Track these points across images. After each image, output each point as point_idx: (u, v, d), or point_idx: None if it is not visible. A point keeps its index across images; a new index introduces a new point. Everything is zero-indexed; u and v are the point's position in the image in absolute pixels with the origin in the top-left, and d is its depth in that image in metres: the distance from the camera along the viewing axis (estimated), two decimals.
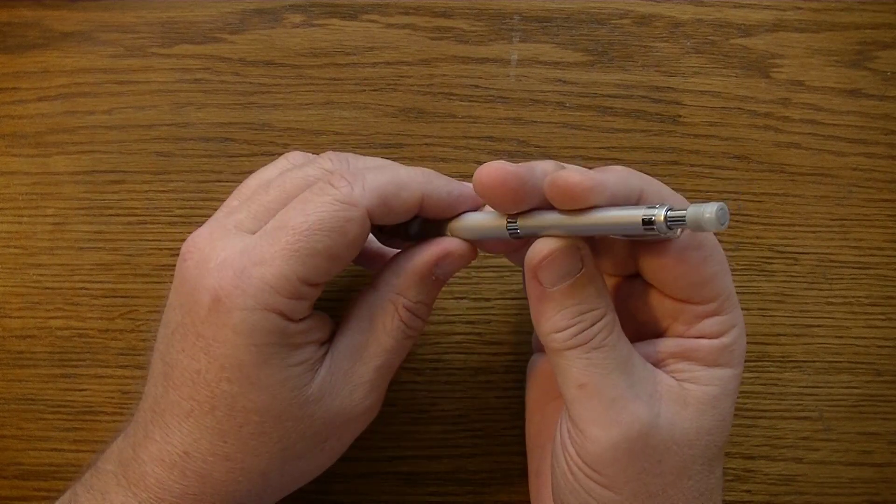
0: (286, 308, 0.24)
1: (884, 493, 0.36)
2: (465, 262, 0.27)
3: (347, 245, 0.25)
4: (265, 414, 0.25)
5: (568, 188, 0.22)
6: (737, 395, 0.26)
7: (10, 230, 0.36)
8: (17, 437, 0.35)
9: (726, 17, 0.39)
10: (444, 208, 0.27)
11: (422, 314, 0.28)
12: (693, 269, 0.24)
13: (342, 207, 0.25)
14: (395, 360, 0.28)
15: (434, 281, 0.27)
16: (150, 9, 0.38)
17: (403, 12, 0.38)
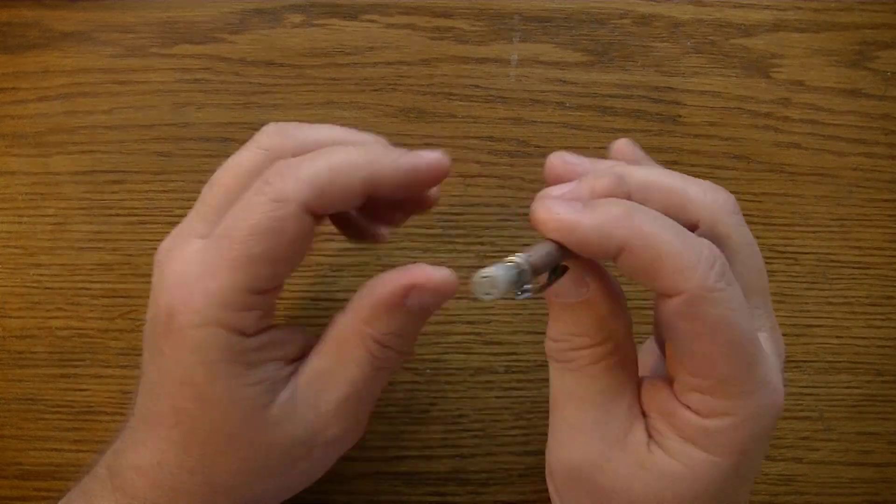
0: (236, 322, 0.23)
1: (884, 493, 0.36)
2: (442, 296, 0.24)
3: (288, 245, 0.23)
4: (222, 433, 0.24)
5: (536, 219, 0.23)
6: (720, 484, 0.23)
7: (10, 230, 0.36)
8: (17, 437, 0.35)
9: (726, 17, 0.39)
10: (396, 187, 0.24)
11: (395, 345, 0.25)
12: (683, 339, 0.22)
13: (275, 206, 0.22)
14: (365, 391, 0.25)
15: (409, 313, 0.24)
16: (150, 9, 0.38)
17: (403, 12, 0.38)
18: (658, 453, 0.23)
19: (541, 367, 0.36)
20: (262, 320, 0.24)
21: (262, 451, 0.24)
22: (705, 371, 0.22)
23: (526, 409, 0.36)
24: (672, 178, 0.25)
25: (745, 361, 0.22)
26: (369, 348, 0.25)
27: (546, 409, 0.35)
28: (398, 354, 0.26)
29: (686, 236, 0.22)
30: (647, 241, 0.21)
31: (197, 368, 0.23)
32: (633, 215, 0.22)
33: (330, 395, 0.25)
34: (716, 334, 0.22)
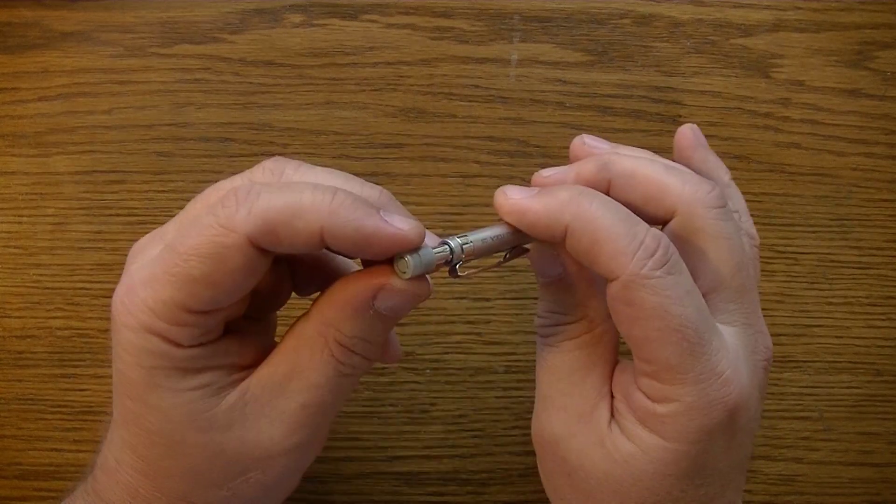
0: (169, 333, 0.22)
1: (884, 493, 0.36)
2: (412, 300, 0.23)
3: (228, 273, 0.21)
4: (165, 436, 0.23)
5: (496, 204, 0.25)
6: (671, 469, 0.23)
7: (10, 230, 0.36)
8: (17, 437, 0.35)
9: (726, 17, 0.39)
10: (350, 248, 0.22)
11: (361, 350, 0.24)
12: (621, 322, 0.23)
13: (220, 233, 0.21)
14: (327, 399, 0.24)
15: (376, 316, 0.23)
16: (150, 9, 0.38)
17: (403, 12, 0.38)
18: (616, 433, 0.24)
19: None
20: (202, 336, 0.23)
21: (208, 456, 0.23)
22: (646, 355, 0.23)
23: (526, 409, 0.36)
24: (654, 167, 0.25)
25: (684, 349, 0.23)
26: (333, 352, 0.23)
27: None
28: (365, 361, 0.24)
29: (629, 222, 0.23)
30: (588, 225, 0.23)
31: (135, 371, 0.23)
32: (578, 199, 0.23)
33: (287, 401, 0.24)
34: (651, 320, 0.22)
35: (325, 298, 0.24)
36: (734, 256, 0.25)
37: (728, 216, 0.25)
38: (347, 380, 0.24)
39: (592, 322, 0.25)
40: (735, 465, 0.25)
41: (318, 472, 0.35)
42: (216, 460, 0.23)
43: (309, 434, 0.24)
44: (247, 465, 0.24)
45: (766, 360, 0.26)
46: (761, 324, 0.26)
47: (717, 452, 0.24)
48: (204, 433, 0.23)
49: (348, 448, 0.35)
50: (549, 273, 0.26)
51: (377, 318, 0.23)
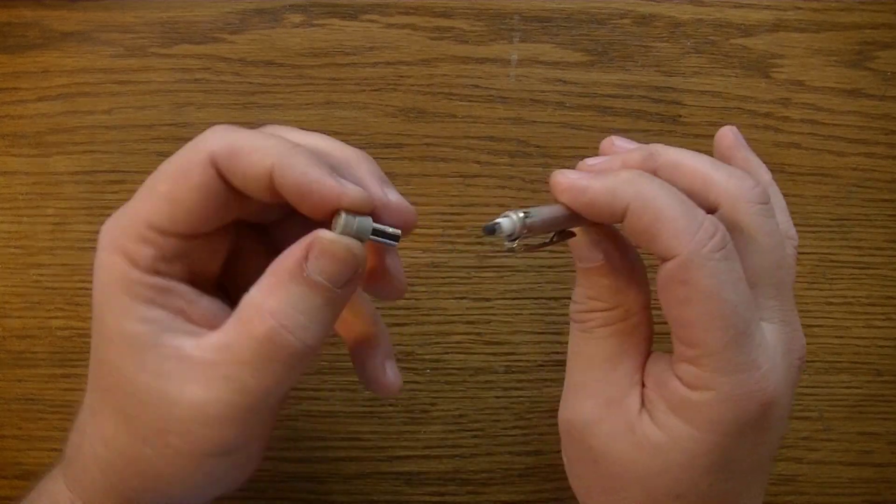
0: (130, 250, 0.23)
1: (884, 493, 0.36)
2: (344, 264, 0.22)
3: (188, 189, 0.22)
4: (106, 365, 0.23)
5: (552, 184, 0.24)
6: (699, 461, 0.23)
7: (10, 230, 0.36)
8: (17, 437, 0.35)
9: (726, 17, 0.39)
10: (294, 191, 0.22)
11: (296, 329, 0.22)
12: (672, 303, 0.23)
13: (189, 152, 0.23)
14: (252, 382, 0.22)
15: (309, 282, 0.22)
16: (150, 9, 0.38)
17: (403, 12, 0.38)
18: (646, 420, 0.24)
19: (541, 367, 0.36)
20: (161, 263, 0.23)
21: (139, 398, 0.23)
22: (692, 338, 0.23)
23: (526, 409, 0.36)
24: (701, 160, 0.26)
25: (730, 336, 0.23)
26: (265, 326, 0.22)
27: (546, 408, 0.36)
28: (300, 344, 0.22)
29: (688, 205, 0.23)
30: (649, 204, 0.23)
31: (99, 291, 0.23)
32: (639, 180, 0.23)
33: (215, 371, 0.22)
34: (704, 302, 0.22)
35: (268, 268, 0.23)
36: (775, 253, 0.25)
37: (770, 213, 0.25)
38: (278, 366, 0.22)
39: (629, 311, 0.25)
40: (760, 465, 0.25)
41: (318, 472, 0.35)
42: (144, 406, 0.23)
43: (228, 413, 0.22)
44: (167, 423, 0.23)
45: (800, 360, 0.26)
46: (797, 323, 0.26)
47: (746, 448, 0.24)
48: (138, 371, 0.23)
49: (348, 448, 0.35)
50: (591, 259, 0.25)
51: (313, 286, 0.22)
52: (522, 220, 0.23)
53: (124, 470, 0.24)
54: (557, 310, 0.36)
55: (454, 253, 0.36)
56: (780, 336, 0.25)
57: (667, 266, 0.23)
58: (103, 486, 0.24)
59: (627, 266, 0.26)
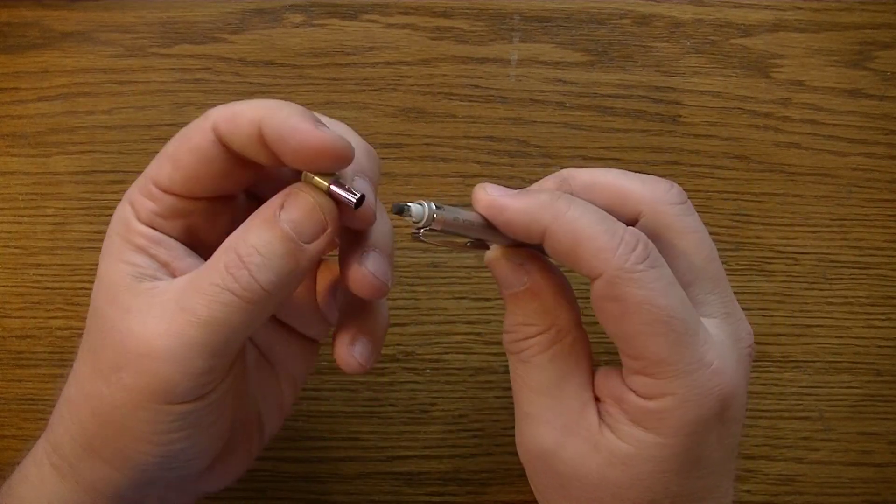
0: (135, 201, 0.25)
1: (884, 493, 0.36)
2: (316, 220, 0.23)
3: (187, 151, 0.24)
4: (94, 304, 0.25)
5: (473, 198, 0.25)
6: (669, 465, 0.24)
7: (10, 230, 0.36)
8: (17, 437, 0.35)
9: (726, 17, 0.39)
10: (277, 137, 0.23)
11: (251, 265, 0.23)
12: (609, 320, 0.24)
13: (198, 119, 0.24)
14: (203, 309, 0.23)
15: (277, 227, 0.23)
16: (150, 9, 0.38)
17: (403, 12, 0.38)
18: (609, 436, 0.24)
19: None
20: (157, 219, 0.25)
21: (104, 333, 0.24)
22: (637, 351, 0.23)
23: None
24: (613, 174, 0.26)
25: (673, 341, 0.23)
26: (225, 259, 0.23)
27: None
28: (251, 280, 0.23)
29: (607, 222, 0.23)
30: (568, 226, 0.23)
31: (106, 239, 0.25)
32: (556, 202, 0.24)
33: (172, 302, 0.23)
34: (639, 314, 0.23)
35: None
36: (704, 248, 0.26)
37: (691, 210, 0.26)
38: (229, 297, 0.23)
39: (561, 331, 0.25)
40: (728, 454, 0.25)
41: (318, 472, 0.35)
42: (106, 339, 0.24)
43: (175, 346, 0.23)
44: (121, 359, 0.23)
45: (749, 347, 0.26)
46: (739, 311, 0.26)
47: (712, 443, 0.24)
48: (109, 306, 0.24)
49: (348, 448, 0.35)
50: (515, 284, 0.26)
51: (278, 232, 0.23)
52: (432, 211, 0.23)
53: (84, 409, 0.24)
54: None
55: (454, 253, 0.36)
56: (724, 329, 0.25)
57: (595, 285, 0.23)
58: (69, 428, 0.25)
59: (553, 285, 0.26)
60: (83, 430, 0.24)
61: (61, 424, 0.25)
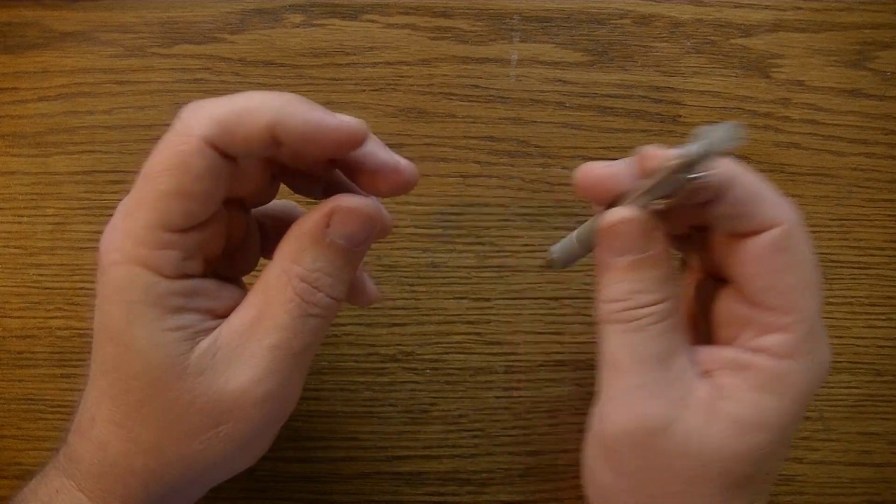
0: (153, 261, 0.23)
1: (884, 493, 0.36)
2: (364, 223, 0.24)
3: (195, 180, 0.22)
4: (142, 379, 0.23)
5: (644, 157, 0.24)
6: (786, 437, 0.24)
7: (10, 230, 0.36)
8: (17, 437, 0.35)
9: (726, 17, 0.39)
10: (301, 138, 0.23)
11: (325, 287, 0.24)
12: (773, 271, 0.24)
13: (180, 141, 0.23)
14: (295, 341, 0.24)
15: (334, 247, 0.24)
16: (150, 9, 0.38)
17: (403, 12, 0.38)
18: (728, 405, 0.24)
19: (541, 367, 0.36)
20: (184, 263, 0.23)
21: (182, 404, 0.23)
22: (790, 304, 0.24)
23: (526, 409, 0.36)
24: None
25: (819, 303, 0.24)
26: (296, 289, 0.24)
27: (546, 409, 0.36)
28: (330, 300, 0.24)
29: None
30: (753, 178, 0.24)
31: (117, 309, 0.23)
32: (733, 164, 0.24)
33: (255, 346, 0.24)
34: (803, 268, 0.24)
35: (285, 236, 0.24)
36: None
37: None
38: (314, 321, 0.24)
39: (676, 305, 0.25)
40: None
41: (318, 472, 0.35)
42: (189, 408, 0.23)
43: (278, 383, 0.24)
44: (218, 417, 0.23)
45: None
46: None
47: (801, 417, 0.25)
48: (179, 379, 0.23)
49: (348, 448, 0.35)
50: (640, 250, 0.24)
51: (335, 249, 0.24)
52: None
53: (168, 472, 0.24)
54: (557, 310, 0.36)
55: (454, 253, 0.36)
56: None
57: (770, 234, 0.23)
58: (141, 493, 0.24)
59: (669, 255, 0.25)
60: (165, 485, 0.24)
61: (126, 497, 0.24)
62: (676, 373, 0.24)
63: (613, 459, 0.25)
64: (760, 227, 0.24)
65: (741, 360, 0.24)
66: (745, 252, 0.24)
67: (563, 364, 0.36)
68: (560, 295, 0.36)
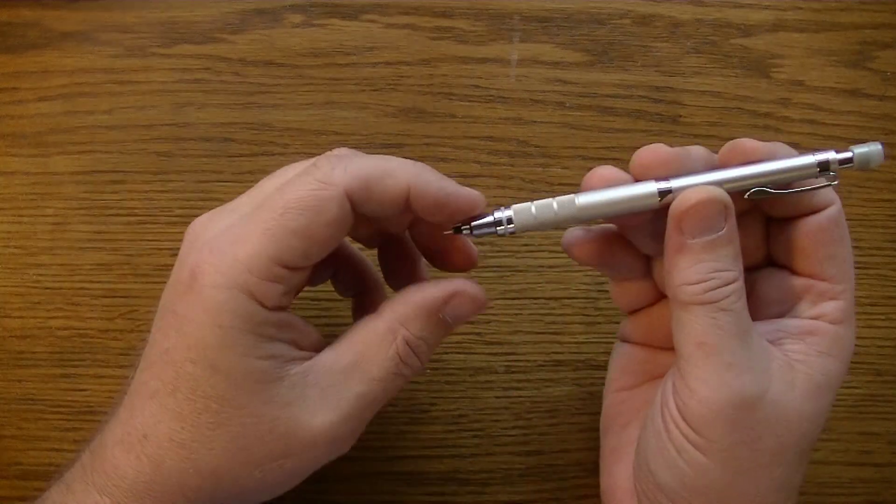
0: (257, 290, 0.23)
1: (884, 493, 0.36)
2: (476, 309, 0.26)
3: (324, 225, 0.24)
4: (224, 402, 0.23)
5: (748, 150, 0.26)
6: (836, 393, 0.26)
7: (10, 230, 0.36)
8: (17, 437, 0.35)
9: (726, 17, 0.39)
10: (432, 205, 0.25)
11: (421, 353, 0.26)
12: (832, 242, 0.26)
13: (319, 186, 0.24)
14: (380, 395, 0.25)
15: (441, 322, 0.26)
16: (150, 9, 0.38)
17: (403, 12, 0.38)
18: (801, 370, 0.25)
19: (541, 367, 0.36)
20: (284, 298, 0.24)
21: (260, 430, 0.24)
22: (843, 274, 0.26)
23: (526, 409, 0.36)
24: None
25: (853, 268, 0.26)
26: (398, 349, 0.25)
27: (546, 409, 0.36)
28: (419, 364, 0.26)
29: None
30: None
31: (211, 331, 0.23)
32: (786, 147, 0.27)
33: (346, 390, 0.25)
34: (847, 240, 0.26)
35: (401, 299, 0.26)
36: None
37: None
38: (400, 380, 0.26)
39: (743, 274, 0.25)
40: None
41: (318, 472, 0.35)
42: (266, 436, 0.24)
43: (352, 427, 0.25)
44: (289, 449, 0.24)
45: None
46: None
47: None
48: (264, 404, 0.24)
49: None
50: (717, 228, 0.24)
51: (443, 325, 0.26)
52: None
53: (220, 495, 0.24)
54: (557, 310, 0.36)
55: None
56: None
57: (829, 211, 0.26)
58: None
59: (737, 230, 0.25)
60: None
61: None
62: (757, 345, 0.25)
63: (705, 438, 0.25)
64: (819, 206, 0.26)
65: (805, 328, 0.26)
66: (806, 228, 0.26)
67: (563, 364, 0.36)
68: (560, 295, 0.36)
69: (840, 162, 0.25)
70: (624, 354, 0.31)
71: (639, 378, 0.31)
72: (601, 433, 0.31)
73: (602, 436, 0.31)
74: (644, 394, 0.30)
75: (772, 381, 0.25)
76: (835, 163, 0.25)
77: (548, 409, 0.36)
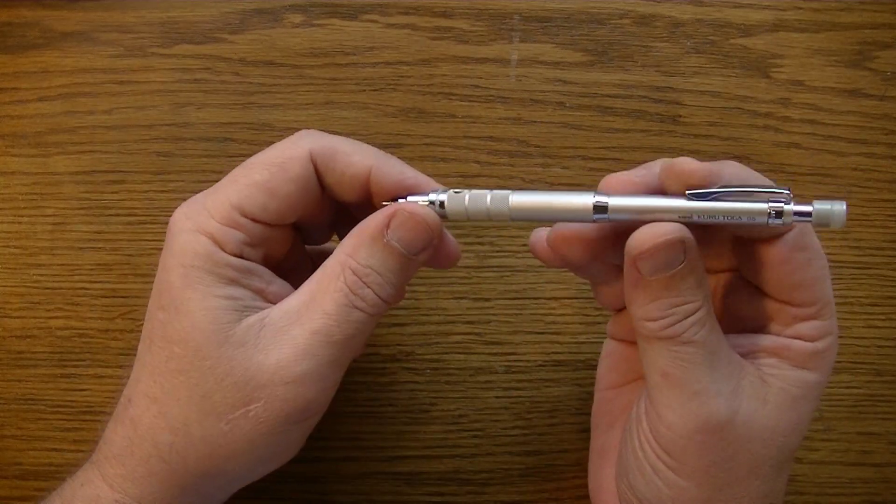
0: (217, 233, 0.25)
1: (884, 493, 0.36)
2: (424, 231, 0.25)
3: (286, 181, 0.25)
4: (185, 346, 0.24)
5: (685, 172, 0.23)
6: (817, 404, 0.26)
7: (10, 230, 0.36)
8: (17, 437, 0.35)
9: (726, 17, 0.39)
10: (392, 187, 0.26)
11: (373, 284, 0.25)
12: (797, 270, 0.25)
13: (288, 146, 0.26)
14: (336, 330, 0.25)
15: (388, 248, 0.25)
16: (150, 9, 0.38)
17: (403, 12, 0.38)
18: (775, 385, 0.25)
19: (541, 368, 0.36)
20: (245, 247, 0.25)
21: (218, 374, 0.24)
22: (814, 295, 0.25)
23: (526, 409, 0.36)
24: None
25: (830, 279, 0.26)
26: (346, 280, 0.25)
27: (546, 409, 0.36)
28: (377, 299, 0.25)
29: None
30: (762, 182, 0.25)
31: (175, 272, 0.24)
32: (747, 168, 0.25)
33: (301, 327, 0.25)
34: (819, 260, 0.25)
35: (349, 234, 0.26)
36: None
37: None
38: (358, 314, 0.25)
39: (709, 299, 0.24)
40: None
41: (318, 472, 0.35)
42: (223, 381, 0.24)
43: (312, 367, 0.24)
44: (250, 394, 0.24)
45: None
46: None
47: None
48: (219, 346, 0.24)
49: (348, 448, 0.35)
50: (676, 263, 0.23)
51: (390, 251, 0.25)
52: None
53: (192, 453, 0.24)
54: (557, 310, 0.36)
55: None
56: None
57: (789, 236, 0.24)
58: (163, 477, 0.25)
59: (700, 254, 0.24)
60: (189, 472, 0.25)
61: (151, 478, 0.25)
62: (725, 365, 0.25)
63: (679, 462, 0.25)
64: (782, 231, 0.24)
65: (779, 345, 0.26)
66: (769, 256, 0.25)
67: (562, 364, 0.36)
68: (560, 295, 0.36)
69: (796, 213, 0.23)
70: (612, 352, 0.31)
71: (625, 376, 0.31)
72: (591, 431, 0.32)
73: (591, 434, 0.32)
74: (629, 393, 0.30)
75: (742, 401, 0.25)
76: (790, 213, 0.23)
77: (548, 409, 0.36)
